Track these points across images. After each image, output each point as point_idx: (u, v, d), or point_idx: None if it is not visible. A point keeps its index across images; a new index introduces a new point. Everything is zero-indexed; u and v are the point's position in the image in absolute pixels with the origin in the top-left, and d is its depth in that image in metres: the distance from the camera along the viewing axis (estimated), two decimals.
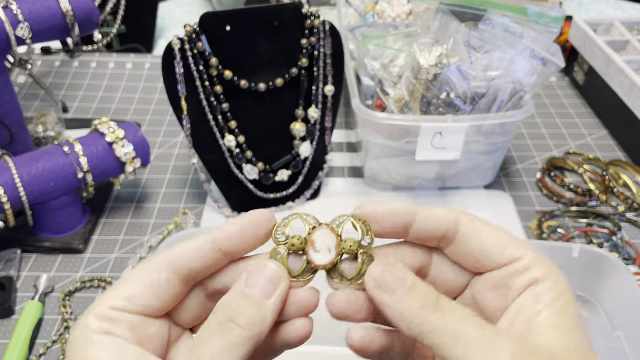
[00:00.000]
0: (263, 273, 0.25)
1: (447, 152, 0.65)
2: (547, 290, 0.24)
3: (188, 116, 0.63)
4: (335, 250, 0.26)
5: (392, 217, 0.26)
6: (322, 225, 0.26)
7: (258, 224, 0.26)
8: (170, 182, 0.76)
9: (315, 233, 0.26)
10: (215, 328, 0.24)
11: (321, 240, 0.26)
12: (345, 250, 0.26)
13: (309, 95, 0.66)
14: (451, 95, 0.64)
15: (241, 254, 0.26)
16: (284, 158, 0.69)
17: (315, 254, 0.26)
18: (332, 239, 0.26)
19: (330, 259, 0.26)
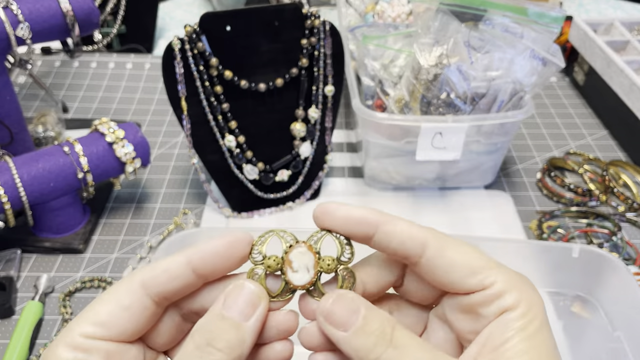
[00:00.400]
0: (241, 294, 0.24)
1: (447, 152, 0.65)
2: (518, 318, 0.23)
3: (188, 116, 0.62)
4: (313, 270, 0.26)
5: (351, 224, 0.25)
6: (299, 243, 0.26)
7: (234, 247, 0.25)
8: (170, 182, 0.76)
9: (292, 252, 0.26)
10: (193, 352, 0.23)
11: (299, 260, 0.26)
12: (323, 269, 0.26)
13: (309, 95, 0.66)
14: (451, 95, 0.64)
15: (216, 276, 0.26)
16: (284, 158, 0.69)
17: (293, 274, 0.26)
18: (309, 257, 0.26)
19: (308, 278, 0.26)
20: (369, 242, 0.25)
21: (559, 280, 0.54)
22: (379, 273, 0.26)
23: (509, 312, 0.23)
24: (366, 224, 0.24)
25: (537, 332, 0.22)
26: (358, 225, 0.25)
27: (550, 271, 0.53)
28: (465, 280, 0.24)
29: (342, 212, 0.25)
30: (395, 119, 0.64)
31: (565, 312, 0.53)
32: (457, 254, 0.24)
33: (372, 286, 0.26)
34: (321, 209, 0.25)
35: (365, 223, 0.24)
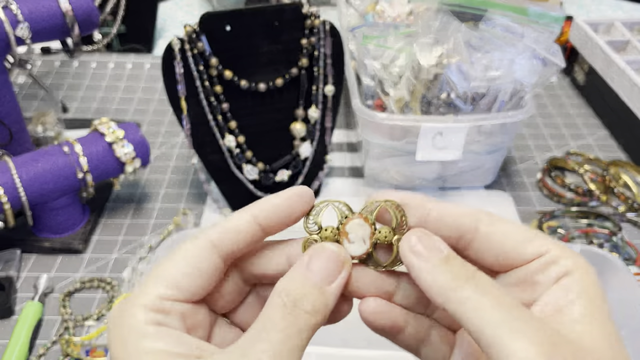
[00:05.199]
0: (326, 256, 0.24)
1: (447, 152, 0.65)
2: (578, 281, 0.23)
3: (188, 116, 0.62)
4: (369, 241, 0.26)
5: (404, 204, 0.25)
6: (355, 215, 0.26)
7: (299, 200, 0.25)
8: (170, 182, 0.76)
9: (348, 224, 0.26)
10: (281, 310, 0.23)
11: (355, 232, 0.26)
12: (379, 240, 0.26)
13: (309, 95, 0.66)
14: (451, 95, 0.64)
15: (278, 230, 0.26)
16: (283, 158, 0.69)
17: (349, 245, 0.26)
18: (365, 229, 0.26)
19: (364, 249, 0.26)
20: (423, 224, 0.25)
21: None
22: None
23: (567, 276, 0.23)
24: (416, 208, 0.25)
25: (597, 296, 0.22)
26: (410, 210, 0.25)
27: None
28: (523, 248, 0.24)
29: (396, 196, 0.25)
30: (396, 118, 0.64)
31: None
32: (508, 226, 0.24)
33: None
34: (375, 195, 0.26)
35: (415, 207, 0.25)
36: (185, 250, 0.24)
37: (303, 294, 0.23)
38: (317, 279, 0.24)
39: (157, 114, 0.88)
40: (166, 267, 0.24)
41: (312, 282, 0.24)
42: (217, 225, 0.25)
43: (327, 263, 0.24)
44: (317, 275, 0.24)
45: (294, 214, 0.25)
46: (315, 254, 0.24)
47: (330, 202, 0.26)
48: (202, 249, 0.24)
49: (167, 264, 0.24)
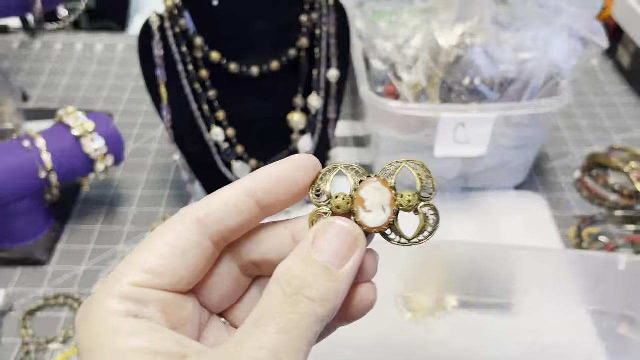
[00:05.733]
0: (334, 233, 0.24)
1: (470, 148, 0.66)
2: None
3: (168, 105, 0.62)
4: (390, 208, 0.25)
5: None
6: (371, 177, 0.26)
7: (302, 169, 0.25)
8: (148, 183, 0.76)
9: (363, 188, 0.25)
10: (283, 300, 0.22)
11: (372, 197, 0.25)
12: (402, 206, 0.25)
13: (310, 81, 0.66)
14: (476, 81, 0.65)
15: (279, 208, 0.25)
16: (280, 154, 0.69)
17: (366, 214, 0.25)
18: (384, 194, 0.25)
19: (384, 218, 0.25)
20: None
21: (602, 296, 0.54)
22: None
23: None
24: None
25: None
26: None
27: (592, 286, 0.53)
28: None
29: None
30: (410, 108, 0.64)
31: (610, 333, 0.54)
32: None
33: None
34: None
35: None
36: (166, 231, 0.24)
37: (308, 278, 0.23)
38: (325, 260, 0.23)
39: (133, 103, 0.88)
40: (142, 252, 0.24)
41: (319, 264, 0.23)
42: (205, 200, 0.24)
43: (336, 240, 0.24)
44: (325, 255, 0.23)
45: (296, 187, 0.25)
46: (322, 230, 0.24)
47: (341, 166, 0.26)
48: (185, 227, 0.24)
49: (144, 247, 0.24)
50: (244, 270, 0.27)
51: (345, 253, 0.24)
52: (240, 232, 0.25)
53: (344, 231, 0.24)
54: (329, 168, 0.26)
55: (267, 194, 0.25)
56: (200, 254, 0.24)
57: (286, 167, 0.25)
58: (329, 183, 0.26)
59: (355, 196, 0.25)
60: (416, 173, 0.26)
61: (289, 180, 0.25)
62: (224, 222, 0.24)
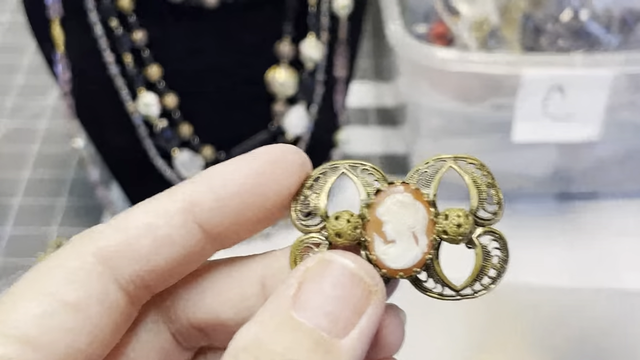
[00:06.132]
0: (333, 281, 0.22)
1: (573, 127, 0.61)
2: None
3: (66, 56, 0.57)
4: (426, 237, 0.24)
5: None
6: (395, 185, 0.24)
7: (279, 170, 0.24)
8: (32, 186, 0.71)
9: (382, 203, 0.24)
10: None
11: (396, 218, 0.24)
12: (447, 234, 0.24)
13: (302, 16, 0.60)
14: (582, 16, 0.61)
15: (239, 235, 0.24)
16: (252, 138, 0.63)
17: (386, 247, 0.24)
18: (418, 213, 0.24)
19: (417, 254, 0.24)
20: None
21: None
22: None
23: None
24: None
25: None
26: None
27: None
28: None
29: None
30: (473, 61, 0.60)
31: None
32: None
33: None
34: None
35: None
36: (49, 270, 0.23)
37: (287, 356, 0.21)
38: (318, 325, 0.21)
39: (5, 52, 0.83)
40: (13, 305, 0.22)
41: (308, 332, 0.21)
42: (113, 222, 0.24)
43: (335, 292, 0.22)
44: (317, 317, 0.22)
45: (270, 200, 0.24)
46: (312, 275, 0.22)
47: (344, 165, 0.25)
48: (82, 266, 0.23)
49: (14, 298, 0.22)
50: (181, 338, 0.25)
51: (351, 313, 0.22)
52: (172, 277, 0.24)
53: (349, 275, 0.22)
54: (325, 168, 0.25)
55: (219, 213, 0.23)
56: (106, 312, 0.23)
57: (252, 166, 0.24)
58: (324, 194, 0.24)
59: (369, 216, 0.24)
60: (470, 178, 0.24)
61: (256, 188, 0.24)
62: (144, 260, 0.23)
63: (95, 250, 0.23)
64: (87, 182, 0.67)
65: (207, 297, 0.25)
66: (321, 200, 0.24)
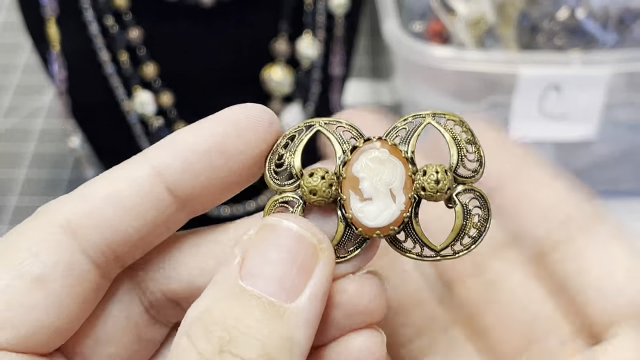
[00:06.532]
0: (276, 242, 0.22)
1: (570, 125, 0.62)
2: None
3: (62, 54, 0.58)
4: (404, 194, 0.23)
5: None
6: (372, 141, 0.23)
7: (248, 130, 0.23)
8: (28, 185, 0.72)
9: (358, 159, 0.23)
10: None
11: (373, 175, 0.23)
12: (426, 191, 0.23)
13: (298, 15, 0.61)
14: (578, 14, 0.62)
15: (211, 199, 0.24)
16: None
17: (362, 204, 0.23)
18: (395, 169, 0.23)
19: (394, 212, 0.23)
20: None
21: None
22: None
23: None
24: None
25: None
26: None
27: None
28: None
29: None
30: (470, 59, 0.61)
31: None
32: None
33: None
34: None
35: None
36: (10, 245, 0.22)
37: (239, 324, 0.21)
38: (265, 290, 0.21)
39: (2, 51, 0.83)
40: None
41: (255, 298, 0.21)
42: (78, 191, 0.23)
43: (280, 255, 0.22)
44: (264, 283, 0.21)
45: (241, 161, 0.23)
46: (255, 242, 0.22)
47: (319, 122, 0.24)
48: (47, 237, 0.22)
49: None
50: (154, 312, 0.25)
51: (298, 275, 0.22)
52: (144, 246, 0.24)
53: (292, 237, 0.22)
54: (299, 126, 0.24)
55: (187, 176, 0.23)
56: (74, 285, 0.22)
57: (217, 128, 0.23)
58: (299, 152, 0.23)
59: (345, 173, 0.23)
60: (450, 135, 0.23)
61: (222, 149, 0.23)
62: (112, 229, 0.23)
63: (60, 221, 0.22)
64: (83, 181, 0.69)
65: (181, 267, 0.25)
66: (296, 159, 0.24)
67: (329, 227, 0.24)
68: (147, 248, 0.24)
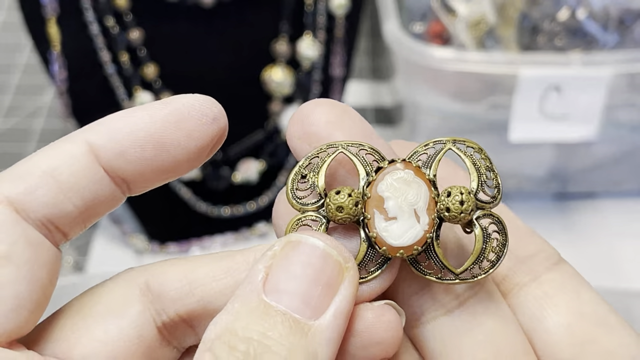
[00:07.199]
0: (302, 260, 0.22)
1: (570, 126, 0.61)
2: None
3: (63, 55, 0.57)
4: (427, 214, 0.23)
5: None
6: (396, 162, 0.24)
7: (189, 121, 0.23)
8: None
9: (383, 180, 0.23)
10: None
11: (398, 195, 0.23)
12: (450, 212, 0.23)
13: (299, 16, 0.61)
14: (579, 14, 0.61)
15: (152, 183, 0.24)
16: (248, 137, 0.64)
17: (387, 224, 0.23)
18: (420, 190, 0.23)
19: (418, 232, 0.23)
20: None
21: None
22: None
23: None
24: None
25: None
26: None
27: None
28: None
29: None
30: (470, 60, 0.60)
31: None
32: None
33: None
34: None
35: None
36: None
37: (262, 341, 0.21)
38: (290, 306, 0.21)
39: (3, 51, 0.83)
40: None
41: (280, 314, 0.21)
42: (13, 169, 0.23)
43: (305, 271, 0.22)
44: (289, 299, 0.21)
45: (174, 150, 0.23)
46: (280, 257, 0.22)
47: (342, 144, 0.24)
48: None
49: None
50: (168, 334, 0.24)
51: (323, 292, 0.22)
52: (86, 220, 0.24)
53: (319, 255, 0.22)
54: (321, 148, 0.24)
55: (121, 160, 0.23)
56: (37, 257, 0.22)
57: (157, 116, 0.23)
58: (322, 172, 0.24)
59: (369, 193, 0.23)
60: (470, 161, 0.24)
61: (159, 140, 0.23)
62: (50, 205, 0.22)
63: (1, 198, 0.22)
64: None
65: (198, 287, 0.24)
66: (320, 178, 0.24)
67: (350, 247, 0.24)
68: (90, 221, 0.24)
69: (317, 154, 0.24)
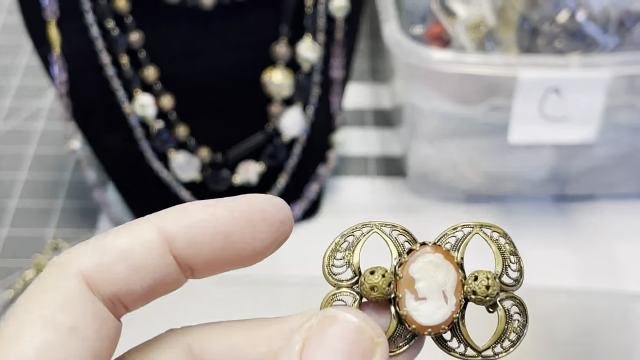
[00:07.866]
0: (337, 333, 0.23)
1: (570, 128, 0.62)
2: None
3: (63, 57, 0.59)
4: (455, 295, 0.25)
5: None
6: (426, 246, 0.25)
7: (258, 224, 0.24)
8: (29, 187, 0.72)
9: (415, 261, 0.25)
10: None
11: (428, 277, 0.25)
12: (476, 295, 0.25)
13: (299, 18, 0.62)
14: (578, 17, 0.62)
15: (217, 272, 0.25)
16: (249, 139, 0.65)
17: (417, 303, 0.25)
18: (449, 273, 0.25)
19: (446, 313, 0.25)
20: None
21: None
22: None
23: None
24: None
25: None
26: None
27: None
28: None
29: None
30: (470, 62, 0.61)
31: None
32: None
33: None
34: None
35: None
36: (39, 299, 0.23)
37: None
38: None
39: (2, 53, 0.83)
40: (12, 336, 0.22)
41: None
42: (91, 243, 0.24)
43: (342, 345, 0.23)
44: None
45: (242, 248, 0.25)
46: (318, 330, 0.23)
47: (375, 225, 0.26)
48: (69, 289, 0.23)
49: (12, 330, 0.23)
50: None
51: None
52: (148, 299, 0.25)
53: (353, 329, 0.23)
54: (356, 227, 0.26)
55: (192, 252, 0.24)
56: (102, 330, 0.23)
57: (229, 216, 0.24)
58: (357, 251, 0.26)
59: (401, 273, 0.25)
60: (496, 246, 0.26)
61: (229, 238, 0.24)
62: (120, 283, 0.24)
63: (76, 272, 0.23)
64: (84, 184, 0.68)
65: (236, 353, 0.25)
66: (355, 257, 0.25)
67: (380, 323, 0.25)
68: (151, 299, 0.25)
69: (352, 232, 0.26)
